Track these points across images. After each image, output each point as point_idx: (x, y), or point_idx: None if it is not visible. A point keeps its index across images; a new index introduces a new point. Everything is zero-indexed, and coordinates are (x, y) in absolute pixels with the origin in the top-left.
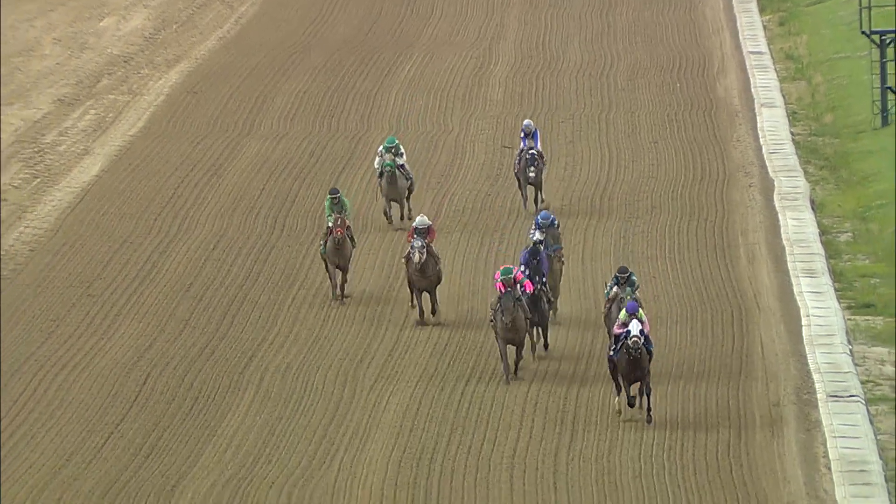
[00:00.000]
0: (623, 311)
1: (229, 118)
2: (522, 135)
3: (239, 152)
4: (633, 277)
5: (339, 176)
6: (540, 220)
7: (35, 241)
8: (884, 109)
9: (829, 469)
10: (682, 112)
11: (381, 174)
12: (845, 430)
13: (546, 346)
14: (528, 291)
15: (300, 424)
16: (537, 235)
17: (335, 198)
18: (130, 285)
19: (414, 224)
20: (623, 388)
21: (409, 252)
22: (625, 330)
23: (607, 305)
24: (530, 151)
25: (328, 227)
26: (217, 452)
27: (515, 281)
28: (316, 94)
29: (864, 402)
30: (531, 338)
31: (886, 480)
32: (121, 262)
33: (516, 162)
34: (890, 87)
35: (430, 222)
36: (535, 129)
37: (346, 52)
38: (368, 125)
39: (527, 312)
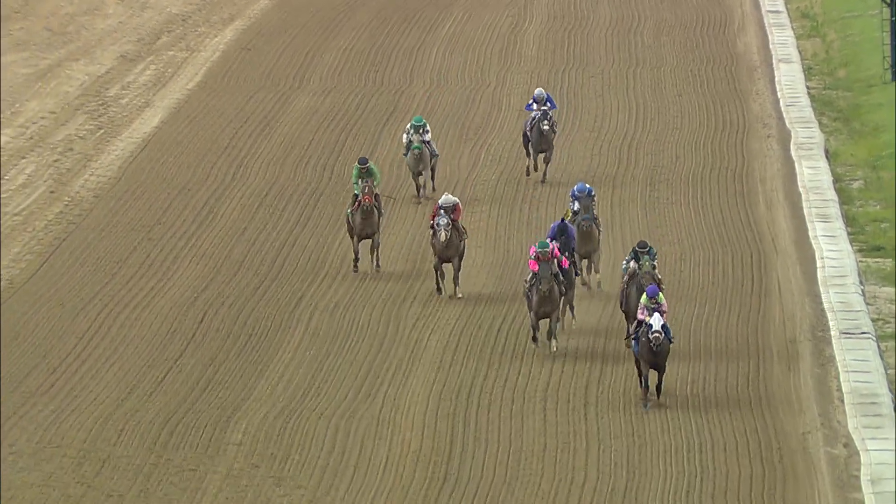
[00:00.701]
0: (644, 296)
1: (280, 73)
2: (534, 103)
3: (289, 105)
4: (653, 250)
5: (383, 127)
6: (577, 192)
7: (99, 188)
8: (894, 65)
9: (842, 401)
10: (704, 67)
11: (407, 151)
12: (857, 366)
13: (574, 318)
14: (564, 266)
15: (346, 360)
16: (576, 206)
17: (364, 167)
18: (188, 229)
19: (439, 202)
20: (644, 376)
21: (433, 228)
22: (645, 320)
23: (624, 280)
24: (542, 108)
25: (355, 196)
26: (269, 386)
27: (552, 255)
28: (362, 50)
29: (874, 338)
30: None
31: (895, 412)
32: (179, 208)
33: (527, 125)
34: None
35: (457, 200)
36: (548, 96)
37: (391, 11)
38: (411, 79)
39: (561, 287)
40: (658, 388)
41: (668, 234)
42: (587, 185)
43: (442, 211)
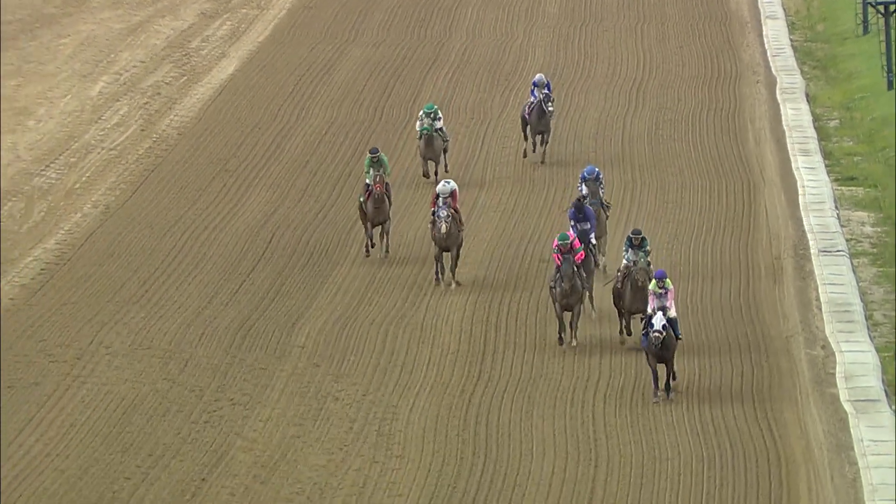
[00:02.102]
0: (653, 281)
1: (338, 28)
2: (534, 87)
3: (345, 55)
4: (646, 241)
5: (425, 75)
6: (585, 174)
7: (182, 127)
8: (865, 20)
9: (820, 310)
10: (702, 23)
11: (420, 136)
12: (833, 279)
13: (593, 309)
14: (580, 260)
15: (396, 273)
16: (584, 189)
17: (375, 157)
18: (259, 162)
19: (437, 189)
20: (653, 369)
21: (433, 220)
22: (651, 315)
23: (619, 278)
24: (544, 91)
25: (367, 185)
26: (328, 296)
27: (572, 247)
28: (407, 8)
29: (848, 256)
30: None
31: (866, 318)
32: (251, 144)
33: (526, 110)
34: (870, 2)
35: (454, 187)
36: (548, 82)
37: None
38: (449, 34)
39: (584, 280)
40: (667, 385)
41: (671, 165)
42: (596, 168)
43: (440, 201)
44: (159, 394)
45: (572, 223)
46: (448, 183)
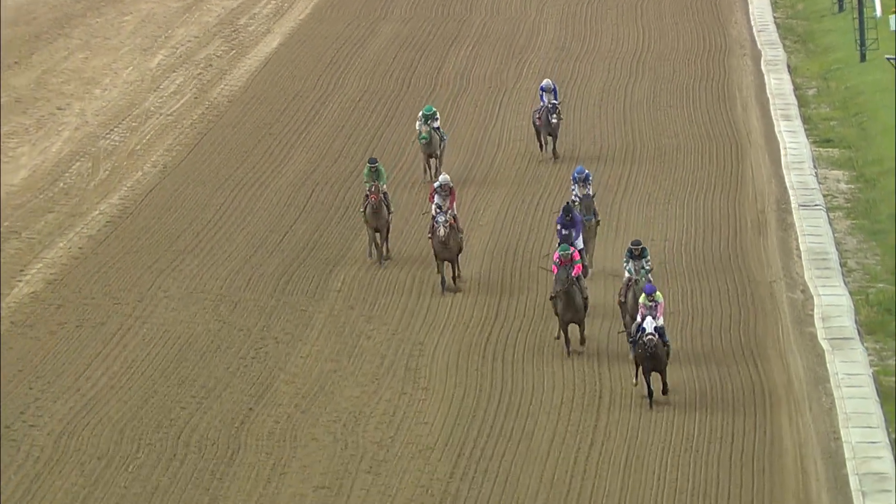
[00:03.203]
0: (643, 295)
1: (371, 6)
2: (542, 92)
3: (378, 31)
4: (646, 251)
5: (448, 48)
6: (576, 175)
7: (232, 95)
8: (840, 0)
9: (800, 258)
10: (695, 2)
11: (420, 137)
12: (811, 230)
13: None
14: (577, 274)
15: (423, 226)
16: (576, 191)
17: (373, 167)
18: (299, 126)
19: (435, 184)
20: (644, 380)
21: (433, 225)
22: (641, 322)
23: (623, 290)
24: (552, 102)
25: (366, 194)
26: (362, 245)
27: (572, 259)
28: None
29: (825, 210)
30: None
31: (840, 266)
32: (292, 110)
33: (536, 115)
34: None
35: (452, 184)
36: (555, 86)
37: None
38: (470, 11)
39: (583, 292)
40: (663, 389)
41: (667, 129)
42: (585, 169)
43: (438, 198)
44: (211, 333)
45: (558, 227)
46: (446, 178)
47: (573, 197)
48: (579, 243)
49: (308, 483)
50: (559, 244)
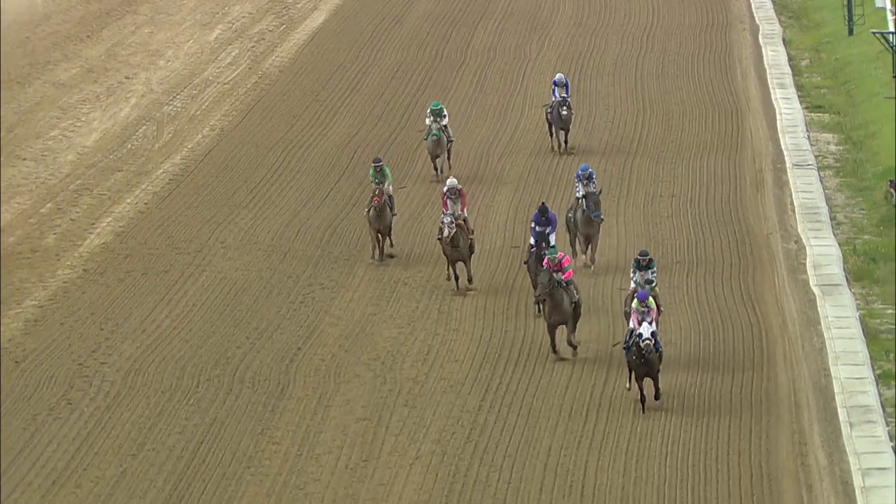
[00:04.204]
0: (635, 301)
1: None
2: (554, 87)
3: (413, 8)
4: (653, 262)
5: (477, 23)
6: (580, 173)
7: (282, 66)
8: None
9: (794, 212)
10: None
11: (427, 135)
12: (804, 187)
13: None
14: (567, 278)
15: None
16: (581, 190)
17: (377, 167)
18: (343, 94)
19: (445, 188)
20: (637, 384)
21: (441, 226)
22: (636, 329)
23: (628, 300)
24: (563, 95)
25: (372, 195)
26: (399, 202)
27: (560, 264)
28: None
29: (816, 168)
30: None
31: (830, 219)
32: (337, 79)
33: (548, 110)
34: None
35: (461, 186)
36: (567, 82)
37: None
38: None
39: (572, 296)
40: (656, 396)
41: (674, 97)
42: (589, 167)
43: (448, 212)
44: (263, 279)
45: (533, 224)
46: (454, 181)
47: (577, 195)
48: (552, 240)
49: (350, 415)
50: (532, 243)
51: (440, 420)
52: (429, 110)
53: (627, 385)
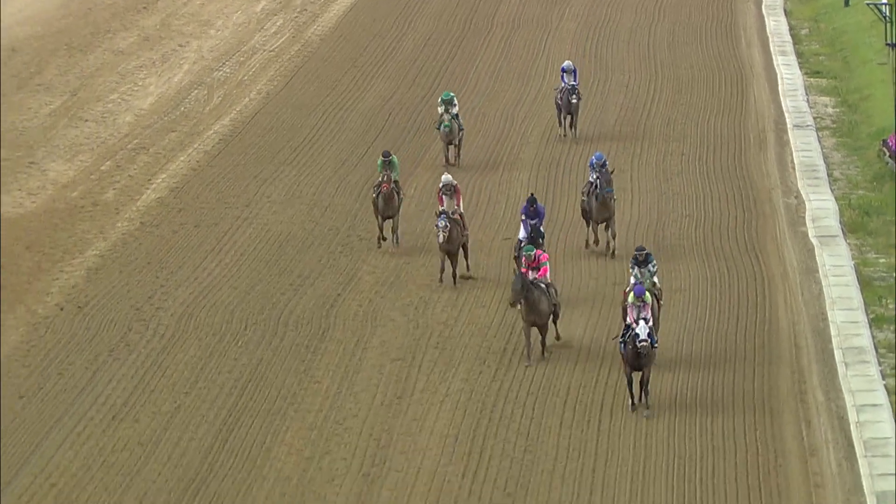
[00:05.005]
0: (632, 294)
1: None
2: (563, 73)
3: None
4: (651, 258)
5: (498, 5)
6: (594, 161)
7: (323, 34)
8: None
9: (794, 169)
10: None
11: (439, 125)
12: (803, 147)
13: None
14: (541, 276)
15: (477, 148)
16: (593, 176)
17: (386, 159)
18: (379, 60)
19: (440, 184)
20: (628, 378)
21: (436, 229)
22: (633, 328)
23: (626, 295)
24: (572, 83)
25: (378, 182)
26: (430, 161)
27: (537, 260)
28: None
29: (815, 129)
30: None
31: (828, 176)
32: (373, 47)
33: (558, 95)
34: None
35: (455, 182)
36: (575, 68)
37: None
38: None
39: (551, 297)
40: (646, 390)
41: (682, 63)
42: (603, 155)
43: (443, 214)
44: (306, 231)
45: (523, 217)
46: (449, 177)
47: (591, 179)
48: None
49: (386, 356)
50: (522, 237)
51: (468, 361)
52: (440, 99)
53: (630, 403)
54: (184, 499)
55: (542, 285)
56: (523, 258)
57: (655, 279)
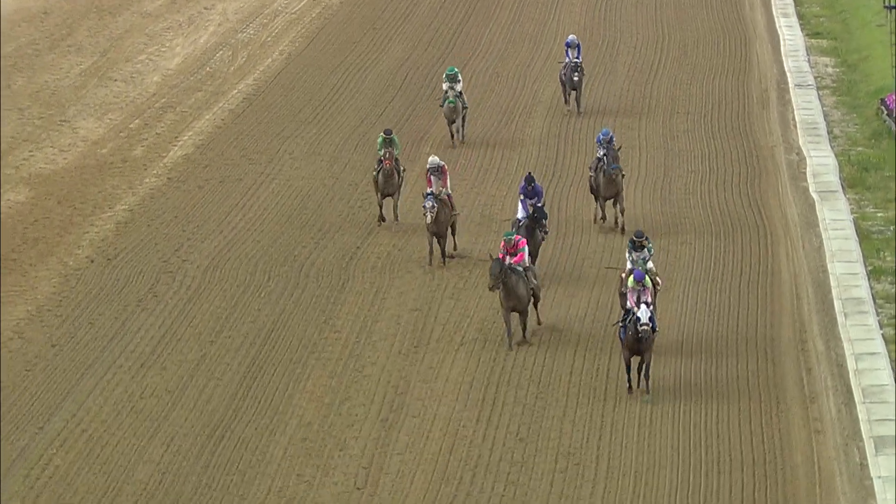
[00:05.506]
0: (631, 278)
1: None
2: (567, 48)
3: None
4: (650, 243)
5: None
6: (601, 137)
7: (333, 13)
8: None
9: (796, 127)
10: None
11: (443, 102)
12: (805, 105)
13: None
14: (519, 262)
15: (494, 101)
16: (600, 152)
17: (388, 137)
18: (396, 23)
19: (428, 165)
20: (626, 362)
21: (423, 210)
22: (633, 310)
23: (623, 279)
24: (575, 60)
25: (379, 160)
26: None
27: (515, 246)
28: None
29: (815, 88)
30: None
31: (827, 133)
32: (391, 10)
33: (562, 70)
34: None
35: (442, 163)
36: (579, 43)
37: None
38: None
39: (529, 282)
40: (646, 375)
41: (688, 25)
42: (610, 131)
43: (430, 195)
44: (326, 186)
45: (522, 197)
46: (436, 159)
47: (598, 156)
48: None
49: (403, 306)
50: (521, 217)
51: (482, 311)
52: (444, 75)
53: (628, 386)
54: (209, 443)
55: (520, 269)
56: (502, 243)
57: (650, 265)
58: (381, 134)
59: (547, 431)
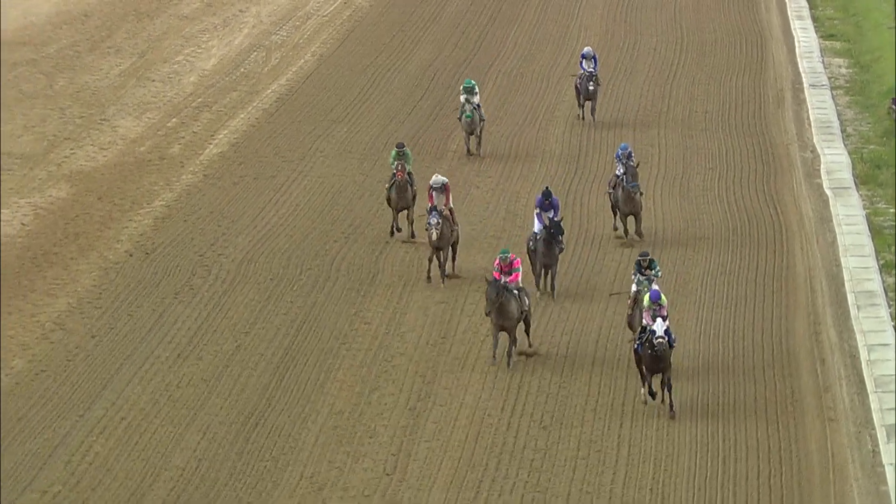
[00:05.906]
0: (647, 298)
1: None
2: (582, 59)
3: None
4: (655, 263)
5: None
6: (619, 153)
7: (372, 0)
8: None
9: (810, 126)
10: None
11: (461, 115)
12: (819, 104)
13: (553, 289)
14: (513, 282)
15: (520, 101)
16: (620, 169)
17: (400, 151)
18: (424, 25)
19: (430, 182)
20: (646, 380)
21: (427, 227)
22: (649, 326)
23: (630, 304)
24: (590, 70)
25: (392, 174)
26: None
27: (511, 265)
28: None
29: (830, 88)
30: (539, 285)
31: (841, 131)
32: (419, 12)
33: (577, 81)
34: None
35: (445, 180)
36: (595, 55)
37: None
38: None
39: (521, 303)
40: (668, 397)
41: (706, 27)
42: (628, 146)
43: (434, 211)
44: (356, 183)
45: (538, 210)
46: (440, 177)
47: (618, 173)
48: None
49: (431, 299)
50: (537, 230)
51: None
52: (461, 87)
53: (643, 398)
54: (244, 431)
55: (515, 291)
56: (497, 260)
57: (655, 286)
58: (394, 147)
59: (569, 419)
